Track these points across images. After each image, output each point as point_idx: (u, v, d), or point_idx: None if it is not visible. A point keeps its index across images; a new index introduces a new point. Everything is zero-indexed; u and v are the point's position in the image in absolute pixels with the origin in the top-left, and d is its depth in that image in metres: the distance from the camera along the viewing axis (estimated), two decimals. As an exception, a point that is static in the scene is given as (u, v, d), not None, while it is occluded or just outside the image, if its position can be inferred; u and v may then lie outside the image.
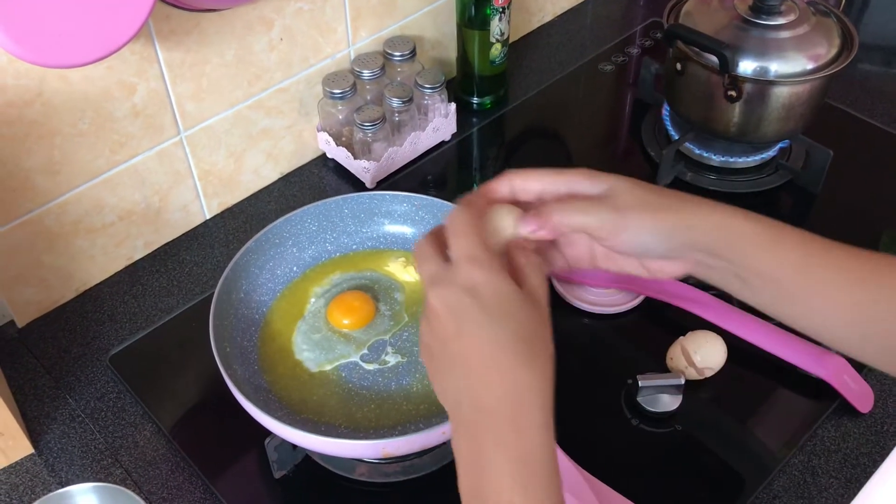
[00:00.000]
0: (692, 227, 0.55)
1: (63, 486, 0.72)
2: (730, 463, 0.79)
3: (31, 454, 0.81)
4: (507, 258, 0.54)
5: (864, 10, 1.30)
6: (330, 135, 1.07)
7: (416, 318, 0.83)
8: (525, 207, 0.58)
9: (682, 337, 0.84)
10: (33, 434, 0.83)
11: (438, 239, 0.54)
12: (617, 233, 0.55)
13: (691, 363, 0.82)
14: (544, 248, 0.60)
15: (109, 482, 0.75)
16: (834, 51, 0.96)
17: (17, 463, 0.80)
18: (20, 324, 0.92)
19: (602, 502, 0.67)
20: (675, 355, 0.83)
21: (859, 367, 0.84)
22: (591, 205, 0.55)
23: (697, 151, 1.07)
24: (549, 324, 0.54)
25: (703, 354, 0.82)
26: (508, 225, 0.56)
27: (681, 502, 0.77)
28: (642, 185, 0.56)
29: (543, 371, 0.53)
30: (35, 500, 0.71)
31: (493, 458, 0.49)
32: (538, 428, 0.50)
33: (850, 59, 0.95)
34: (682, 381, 0.80)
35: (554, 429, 0.52)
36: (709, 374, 0.83)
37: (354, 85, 1.03)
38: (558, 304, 0.92)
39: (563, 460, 0.69)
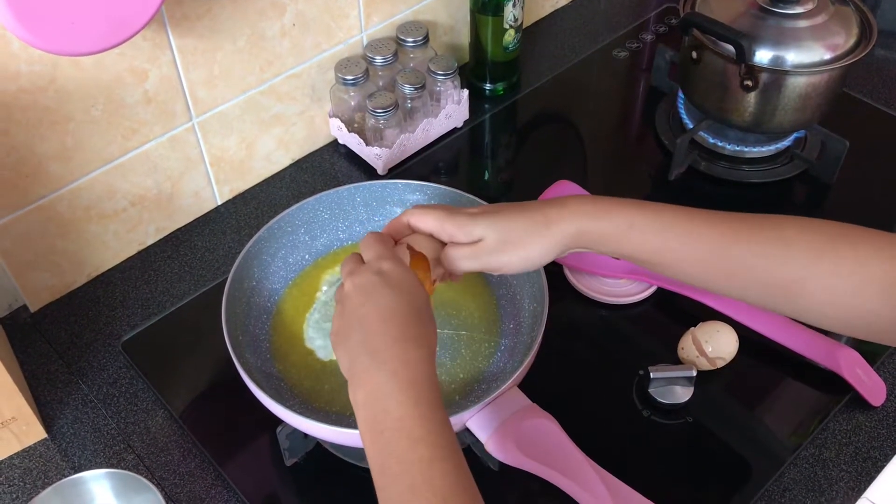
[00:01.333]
0: (545, 251, 0.65)
1: (76, 471, 0.73)
2: (741, 454, 0.79)
3: (45, 439, 0.82)
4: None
5: (882, -3, 1.28)
6: (342, 121, 1.07)
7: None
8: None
9: (693, 327, 0.84)
10: (46, 419, 0.83)
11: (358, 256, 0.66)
12: (500, 269, 0.67)
13: (703, 353, 0.82)
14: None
15: (121, 467, 0.76)
16: (852, 40, 0.95)
17: (30, 448, 0.81)
18: (33, 308, 0.93)
19: (613, 494, 0.67)
20: (686, 345, 0.83)
21: (872, 359, 0.84)
22: (468, 258, 0.67)
23: (712, 140, 1.07)
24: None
25: (715, 344, 0.82)
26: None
27: (691, 494, 0.77)
28: (502, 220, 0.66)
29: (427, 336, 0.60)
30: (48, 484, 0.72)
31: (384, 388, 0.56)
32: (425, 363, 0.58)
33: (868, 50, 0.94)
34: (694, 373, 0.80)
35: (437, 384, 0.59)
36: (720, 364, 0.83)
37: (367, 71, 1.03)
38: (571, 295, 0.92)
39: (574, 452, 0.69)
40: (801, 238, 0.61)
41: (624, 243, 0.64)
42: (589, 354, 0.88)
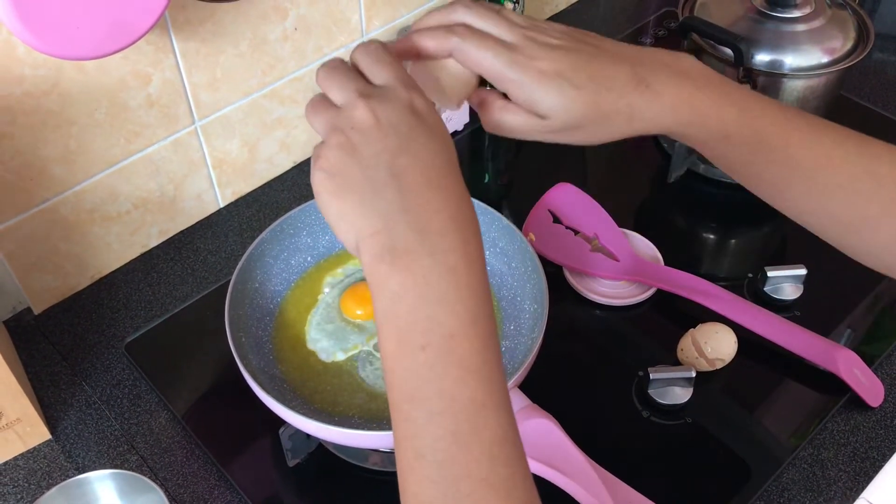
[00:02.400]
0: (624, 135, 0.55)
1: (80, 472, 0.74)
2: (739, 455, 0.80)
3: (49, 440, 0.82)
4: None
5: (879, 0, 1.29)
6: (343, 124, 1.07)
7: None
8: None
9: (692, 329, 0.85)
10: (50, 420, 0.84)
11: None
12: (554, 130, 0.55)
13: (702, 354, 0.83)
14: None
15: (125, 468, 0.77)
16: (849, 44, 0.96)
17: (34, 449, 0.82)
18: (37, 311, 0.93)
19: (612, 494, 0.68)
20: (685, 346, 0.84)
21: (870, 360, 0.85)
22: (529, 126, 0.55)
23: (710, 143, 1.07)
24: None
25: (714, 346, 0.83)
26: (445, 99, 0.54)
27: (690, 494, 0.77)
28: (580, 100, 0.53)
29: (471, 206, 0.48)
30: (53, 485, 0.73)
31: (436, 287, 0.43)
32: (481, 263, 0.46)
33: (865, 53, 0.95)
34: (693, 374, 0.81)
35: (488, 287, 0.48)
36: (719, 365, 0.83)
37: (368, 75, 1.03)
38: (570, 297, 0.92)
39: (574, 452, 0.69)
40: (893, 176, 0.56)
41: (713, 153, 0.57)
42: (589, 355, 0.89)
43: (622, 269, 0.92)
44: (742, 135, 0.55)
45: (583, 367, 0.88)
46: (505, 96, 0.55)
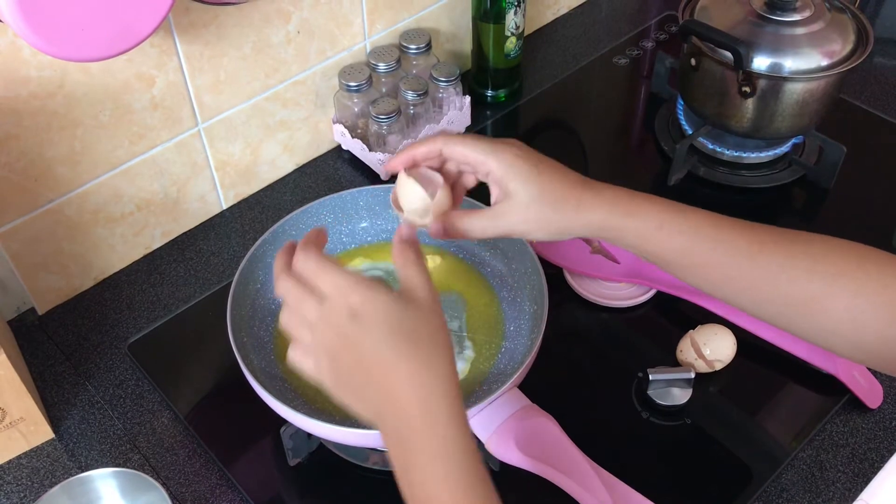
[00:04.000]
0: (566, 230, 0.64)
1: (83, 471, 0.74)
2: (739, 456, 0.80)
3: (52, 439, 0.83)
4: (394, 253, 0.59)
5: (881, 4, 1.29)
6: (345, 127, 1.08)
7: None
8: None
9: (691, 330, 0.85)
10: (53, 419, 0.84)
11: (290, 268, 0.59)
12: (512, 235, 0.66)
13: (701, 356, 0.83)
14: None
15: (127, 467, 0.77)
16: (849, 47, 0.96)
17: (37, 447, 0.82)
18: (41, 311, 0.94)
19: (612, 494, 0.68)
20: (684, 348, 0.84)
21: (869, 362, 0.85)
22: (487, 220, 0.64)
23: (711, 146, 1.08)
24: (436, 316, 0.56)
25: (713, 347, 0.83)
26: (417, 216, 0.64)
27: (690, 495, 0.78)
28: (533, 185, 0.63)
29: (430, 361, 0.54)
30: (55, 484, 0.73)
31: (416, 462, 0.52)
32: (447, 419, 0.53)
33: (864, 56, 0.95)
34: (692, 375, 0.81)
35: (465, 417, 0.54)
36: (719, 366, 0.84)
37: (370, 77, 1.04)
38: (571, 298, 0.93)
39: (573, 452, 0.70)
40: (827, 255, 0.60)
41: (651, 243, 0.63)
42: (588, 356, 0.89)
43: (622, 271, 0.92)
44: (676, 223, 0.62)
45: (582, 368, 0.88)
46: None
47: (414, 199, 0.64)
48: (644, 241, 0.63)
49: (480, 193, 0.72)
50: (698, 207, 0.64)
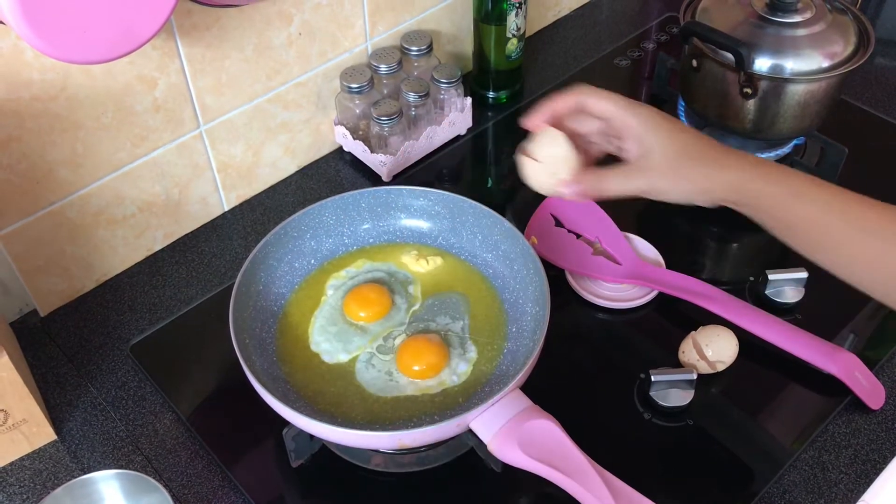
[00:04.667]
0: (709, 190, 0.64)
1: (85, 473, 0.74)
2: (741, 457, 0.80)
3: (54, 441, 0.83)
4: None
5: (882, 5, 1.30)
6: (347, 128, 1.08)
7: (430, 310, 0.84)
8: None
9: (693, 332, 0.85)
10: (56, 421, 0.84)
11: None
12: (647, 193, 0.66)
13: (703, 357, 0.83)
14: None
15: (130, 469, 0.77)
16: (850, 48, 0.97)
17: (40, 449, 0.82)
18: (43, 313, 0.94)
19: (615, 495, 0.68)
20: (686, 349, 0.84)
21: (871, 363, 0.85)
22: (623, 177, 0.65)
23: (712, 147, 1.08)
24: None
25: (715, 348, 0.83)
26: (550, 175, 0.67)
27: (692, 496, 0.78)
28: (676, 141, 0.64)
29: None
30: (58, 485, 0.73)
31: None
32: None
33: (865, 58, 0.95)
34: (695, 376, 0.81)
35: None
36: (721, 367, 0.84)
37: (372, 79, 1.04)
38: (572, 299, 0.93)
39: (575, 453, 0.70)
40: None
41: (784, 210, 0.63)
42: (590, 358, 0.89)
43: (624, 272, 0.92)
44: (812, 193, 0.63)
45: (584, 369, 0.88)
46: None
47: (557, 151, 0.65)
48: (778, 208, 0.63)
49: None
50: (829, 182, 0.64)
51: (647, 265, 0.93)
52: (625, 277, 0.92)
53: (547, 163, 0.66)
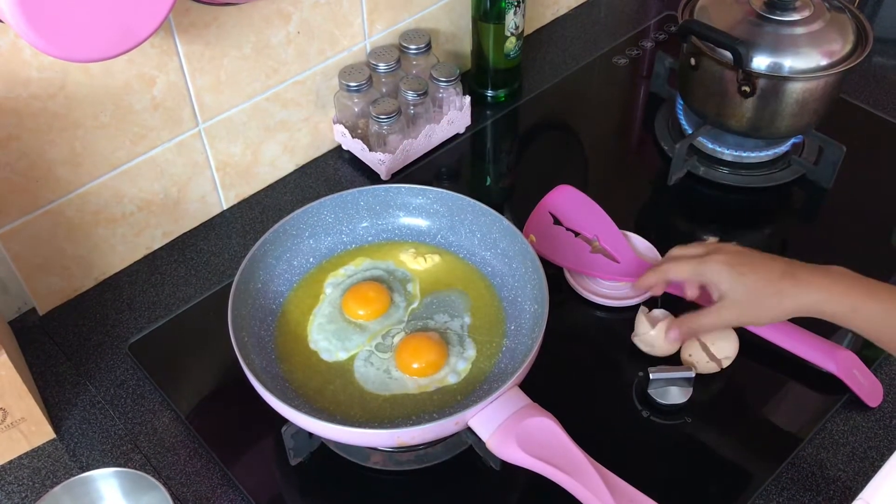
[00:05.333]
0: (789, 313, 0.76)
1: (84, 471, 0.74)
2: (739, 455, 0.81)
3: (53, 439, 0.83)
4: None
5: (879, 4, 1.30)
6: (346, 127, 1.08)
7: (429, 308, 0.84)
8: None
9: (694, 331, 0.85)
10: (55, 419, 0.84)
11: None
12: (740, 325, 0.81)
13: (712, 357, 0.83)
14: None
15: (129, 467, 0.77)
16: (848, 47, 0.97)
17: (39, 448, 0.82)
18: (41, 311, 0.94)
19: (613, 492, 0.68)
20: (693, 351, 0.84)
21: (869, 361, 0.85)
22: (715, 315, 0.79)
23: (710, 146, 1.08)
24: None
25: (720, 345, 0.83)
26: (658, 333, 0.85)
27: (690, 493, 0.78)
28: (745, 283, 0.77)
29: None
30: (57, 483, 0.73)
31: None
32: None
33: (863, 56, 0.95)
34: (693, 374, 0.81)
35: None
36: (727, 363, 0.84)
37: (370, 78, 1.04)
38: (571, 298, 0.93)
39: (574, 450, 0.70)
40: None
41: (847, 323, 0.74)
42: (589, 356, 0.89)
43: (622, 270, 0.92)
44: (867, 307, 0.73)
45: (583, 368, 0.88)
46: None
47: (652, 326, 0.85)
48: (841, 322, 0.75)
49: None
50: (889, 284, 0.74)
51: (646, 263, 0.93)
52: (623, 275, 0.92)
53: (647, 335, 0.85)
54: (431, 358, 0.78)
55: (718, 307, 0.78)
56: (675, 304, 0.91)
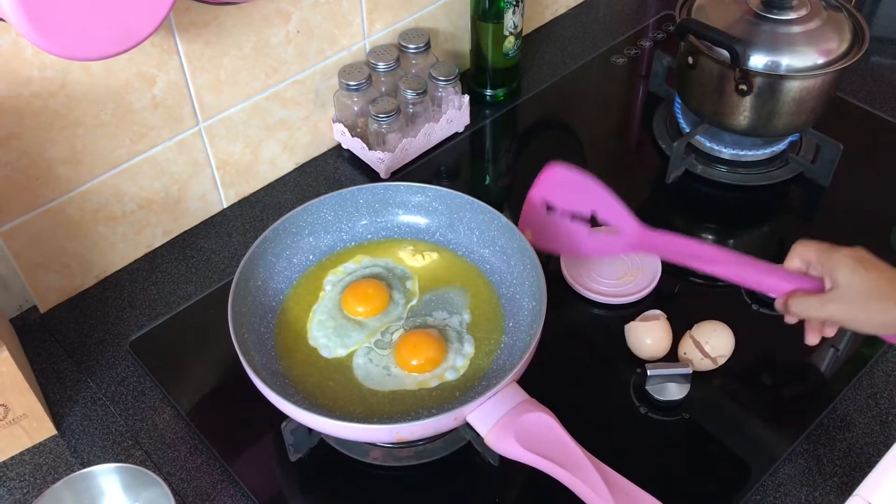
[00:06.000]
0: (889, 326, 0.74)
1: (85, 467, 0.74)
2: (736, 451, 0.81)
3: (54, 436, 0.83)
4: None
5: (877, 3, 1.30)
6: (345, 126, 1.09)
7: (427, 305, 0.84)
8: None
9: (689, 330, 0.85)
10: (56, 416, 0.85)
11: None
12: (839, 321, 0.76)
13: (706, 354, 0.83)
14: None
15: (130, 463, 0.77)
16: (845, 45, 0.97)
17: (40, 444, 0.83)
18: (43, 309, 0.94)
19: (611, 488, 0.68)
20: (688, 349, 0.84)
21: (865, 360, 0.86)
22: (820, 303, 0.75)
23: (708, 144, 1.08)
24: None
25: (714, 343, 0.84)
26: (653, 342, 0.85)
27: (687, 489, 0.78)
28: (864, 281, 0.73)
29: None
30: (58, 479, 0.74)
31: None
32: None
33: (860, 55, 0.96)
34: (690, 371, 0.82)
35: None
36: (721, 361, 0.84)
37: (370, 77, 1.05)
38: (569, 295, 0.93)
39: (572, 445, 0.70)
40: None
41: None
42: (587, 352, 0.90)
43: (625, 242, 0.88)
44: None
45: (581, 364, 0.88)
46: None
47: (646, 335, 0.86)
48: None
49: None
50: None
51: (648, 229, 0.87)
52: (629, 247, 0.88)
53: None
54: (430, 354, 0.79)
55: (826, 299, 0.75)
56: (671, 303, 0.91)
